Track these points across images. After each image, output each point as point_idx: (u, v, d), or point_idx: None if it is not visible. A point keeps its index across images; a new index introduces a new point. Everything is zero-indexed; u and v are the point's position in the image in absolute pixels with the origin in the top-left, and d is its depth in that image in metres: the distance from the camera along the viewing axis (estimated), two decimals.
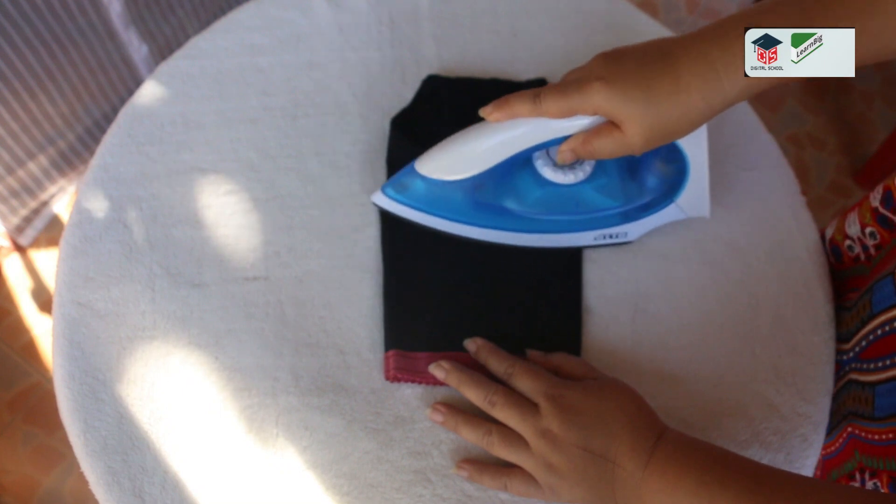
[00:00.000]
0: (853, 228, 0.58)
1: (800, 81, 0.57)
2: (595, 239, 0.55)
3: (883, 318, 0.49)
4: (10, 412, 1.18)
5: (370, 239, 0.56)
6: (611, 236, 0.55)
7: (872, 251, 0.56)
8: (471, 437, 0.49)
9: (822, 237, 0.62)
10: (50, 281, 1.26)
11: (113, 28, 1.10)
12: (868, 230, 0.56)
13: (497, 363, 0.50)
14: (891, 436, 0.47)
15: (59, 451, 1.16)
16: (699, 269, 0.56)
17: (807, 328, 0.55)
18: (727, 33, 0.43)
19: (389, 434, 0.50)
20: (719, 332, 0.55)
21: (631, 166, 0.55)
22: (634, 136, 0.44)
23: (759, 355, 0.54)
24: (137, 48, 1.16)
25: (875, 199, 0.55)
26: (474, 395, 0.49)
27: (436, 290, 0.54)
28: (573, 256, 0.56)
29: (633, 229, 0.55)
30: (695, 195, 0.53)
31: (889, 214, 0.54)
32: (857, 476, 0.50)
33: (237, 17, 0.64)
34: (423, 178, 0.52)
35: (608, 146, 0.46)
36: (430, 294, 0.53)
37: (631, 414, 0.46)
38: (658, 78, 0.43)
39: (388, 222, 0.56)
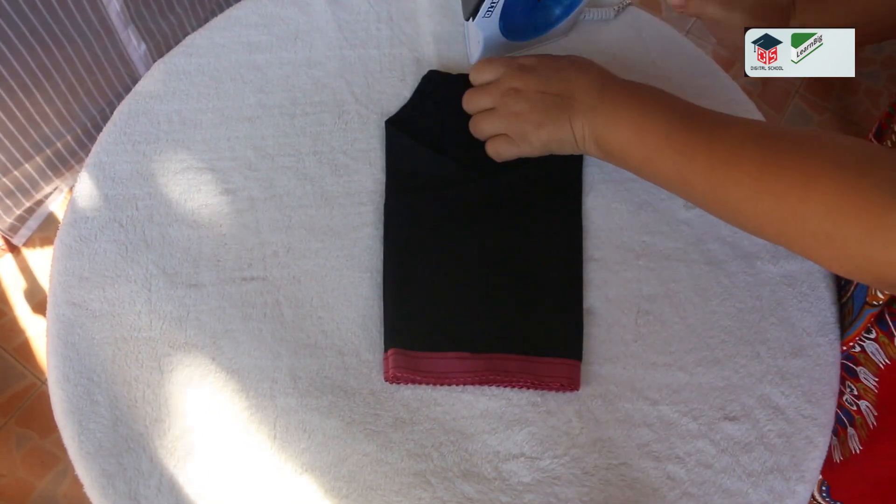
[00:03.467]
0: None
1: None
2: None
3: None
4: (4, 415, 1.17)
5: (369, 238, 0.55)
6: None
7: None
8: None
9: None
10: (44, 281, 1.26)
11: (111, 26, 1.10)
12: None
13: (481, 98, 0.56)
14: None
15: (54, 454, 1.15)
16: (702, 270, 0.56)
17: (812, 329, 0.54)
18: None
19: (389, 436, 0.49)
20: (723, 333, 0.54)
21: None
22: None
23: (764, 357, 0.53)
24: (136, 47, 1.16)
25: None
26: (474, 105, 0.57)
27: (437, 289, 0.53)
28: (574, 255, 0.55)
29: None
30: None
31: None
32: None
33: (235, 14, 0.64)
34: None
35: None
36: (431, 293, 0.53)
37: (584, 66, 0.54)
38: None
39: (391, 221, 0.55)
